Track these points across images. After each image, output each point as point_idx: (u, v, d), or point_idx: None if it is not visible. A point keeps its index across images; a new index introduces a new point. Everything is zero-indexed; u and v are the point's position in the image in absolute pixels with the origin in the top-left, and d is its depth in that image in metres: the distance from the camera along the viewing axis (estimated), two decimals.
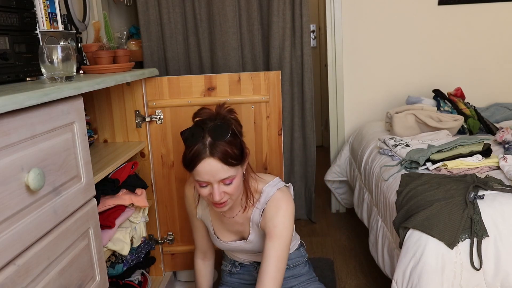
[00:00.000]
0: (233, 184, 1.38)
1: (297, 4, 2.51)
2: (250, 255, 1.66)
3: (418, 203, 1.48)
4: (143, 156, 1.90)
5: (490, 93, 2.86)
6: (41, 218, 0.95)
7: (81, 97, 1.15)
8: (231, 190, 1.38)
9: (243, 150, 1.40)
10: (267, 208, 1.46)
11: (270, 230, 1.44)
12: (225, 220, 1.56)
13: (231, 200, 1.41)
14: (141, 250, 1.82)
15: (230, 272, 1.73)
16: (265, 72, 1.90)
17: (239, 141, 1.39)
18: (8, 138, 0.85)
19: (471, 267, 1.35)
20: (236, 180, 1.38)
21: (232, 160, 1.34)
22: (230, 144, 1.34)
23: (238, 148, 1.37)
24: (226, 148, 1.33)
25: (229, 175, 1.35)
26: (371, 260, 2.05)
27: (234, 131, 1.37)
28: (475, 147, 1.76)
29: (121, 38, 2.09)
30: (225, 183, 1.36)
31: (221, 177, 1.34)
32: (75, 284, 1.09)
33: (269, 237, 1.43)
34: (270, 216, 1.45)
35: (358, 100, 2.90)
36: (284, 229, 1.44)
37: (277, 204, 1.45)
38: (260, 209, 1.48)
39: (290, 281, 1.66)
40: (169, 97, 1.89)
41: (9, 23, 1.24)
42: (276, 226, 1.43)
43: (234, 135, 1.37)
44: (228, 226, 1.58)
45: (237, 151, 1.36)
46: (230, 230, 1.59)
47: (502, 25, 2.79)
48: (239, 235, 1.58)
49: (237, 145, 1.37)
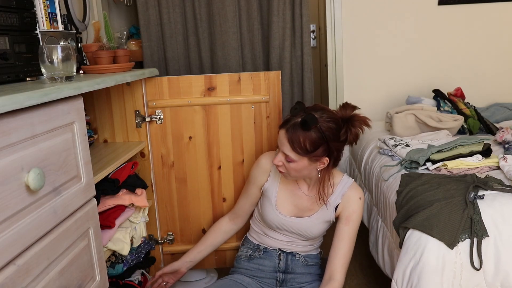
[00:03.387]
0: (292, 165, 1.54)
1: (297, 4, 2.50)
2: (286, 239, 1.74)
3: (418, 203, 1.48)
4: (143, 156, 1.90)
5: (490, 93, 2.86)
6: (41, 218, 0.95)
7: (81, 97, 1.15)
8: (289, 168, 1.55)
9: (317, 149, 1.51)
10: (348, 193, 1.66)
11: (348, 214, 1.65)
12: (299, 193, 1.70)
13: (289, 175, 1.59)
14: (141, 250, 1.82)
15: (250, 256, 1.78)
16: (265, 72, 1.90)
17: (319, 140, 1.50)
18: (8, 138, 0.85)
19: (471, 267, 1.35)
20: (296, 164, 1.53)
21: (297, 147, 1.50)
22: (305, 135, 1.49)
23: (312, 144, 1.50)
24: (300, 135, 1.50)
25: (291, 155, 1.52)
26: (371, 260, 2.05)
27: (319, 130, 1.50)
28: (475, 147, 1.75)
29: (121, 38, 2.09)
30: (287, 159, 1.54)
31: (284, 151, 1.53)
32: (75, 284, 1.09)
33: (346, 221, 1.65)
34: (349, 200, 1.66)
35: (358, 100, 2.88)
36: (359, 217, 1.66)
37: (357, 193, 1.67)
38: (341, 191, 1.67)
39: (305, 277, 1.75)
40: (169, 97, 1.89)
41: (9, 23, 1.24)
42: (355, 212, 1.65)
43: (317, 133, 1.50)
44: (297, 200, 1.70)
45: (309, 145, 1.50)
46: (296, 205, 1.70)
47: (502, 25, 2.79)
48: (300, 213, 1.70)
49: (313, 141, 1.50)
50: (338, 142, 1.54)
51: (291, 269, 1.74)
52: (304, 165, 1.55)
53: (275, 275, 1.74)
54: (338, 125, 1.54)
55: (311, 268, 1.76)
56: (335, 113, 1.56)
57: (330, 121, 1.52)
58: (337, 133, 1.53)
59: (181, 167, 1.97)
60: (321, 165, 1.57)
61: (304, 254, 1.75)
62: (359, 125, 1.55)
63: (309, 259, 1.76)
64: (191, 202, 2.00)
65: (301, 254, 1.75)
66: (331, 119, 1.52)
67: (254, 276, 1.75)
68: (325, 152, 1.53)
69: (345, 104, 1.59)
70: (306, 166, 1.55)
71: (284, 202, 1.71)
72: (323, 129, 1.50)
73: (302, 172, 1.58)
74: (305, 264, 1.75)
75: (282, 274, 1.74)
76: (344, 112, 1.56)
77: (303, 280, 1.74)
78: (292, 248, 1.74)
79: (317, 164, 1.56)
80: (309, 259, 1.76)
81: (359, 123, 1.55)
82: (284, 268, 1.74)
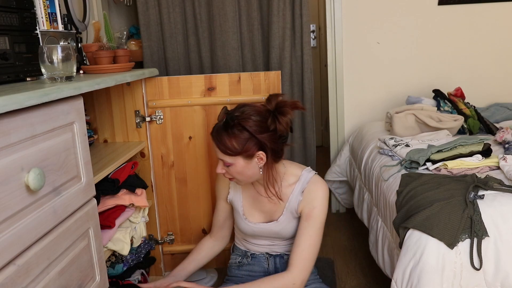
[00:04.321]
0: (232, 168, 1.52)
1: (297, 4, 2.50)
2: (268, 243, 1.70)
3: (418, 203, 1.48)
4: (143, 156, 1.90)
5: (490, 93, 2.86)
6: (41, 218, 0.95)
7: (81, 97, 1.15)
8: (232, 172, 1.53)
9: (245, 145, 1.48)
10: (308, 188, 1.59)
11: (309, 211, 1.57)
12: (259, 198, 1.65)
13: (238, 180, 1.57)
14: (141, 250, 1.82)
15: (239, 264, 1.76)
16: (265, 72, 1.90)
17: (245, 136, 1.48)
18: (8, 138, 0.85)
19: (471, 267, 1.35)
20: (235, 167, 1.51)
21: (226, 149, 1.48)
22: (229, 135, 1.48)
23: (239, 142, 1.47)
24: (225, 137, 1.48)
25: (225, 159, 1.51)
26: (371, 260, 2.05)
27: (241, 126, 1.47)
28: (475, 147, 1.75)
29: (121, 38, 2.09)
30: (225, 164, 1.52)
31: (219, 157, 1.52)
32: (75, 284, 1.09)
33: (307, 218, 1.57)
34: (311, 196, 1.58)
35: (358, 100, 2.90)
36: (321, 212, 1.58)
37: (317, 187, 1.59)
38: (300, 189, 1.60)
39: None
40: (169, 97, 1.89)
41: (9, 23, 1.24)
42: (315, 208, 1.57)
43: (240, 129, 1.47)
44: (260, 205, 1.66)
45: (237, 144, 1.47)
46: (261, 210, 1.67)
47: (502, 25, 2.79)
48: (268, 217, 1.66)
49: (239, 138, 1.47)
50: (267, 133, 1.49)
51: (281, 271, 1.68)
52: (242, 166, 1.51)
53: None
54: (263, 116, 1.49)
55: None
56: (261, 107, 1.52)
57: (253, 114, 1.48)
58: (264, 125, 1.48)
59: (181, 167, 1.97)
60: (260, 161, 1.51)
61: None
62: (287, 111, 1.49)
63: None
64: (191, 202, 2.00)
65: (289, 254, 1.68)
66: (254, 112, 1.48)
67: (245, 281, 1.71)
68: (256, 146, 1.48)
69: (269, 97, 1.54)
70: (245, 166, 1.51)
71: (250, 210, 1.68)
72: (246, 124, 1.46)
73: (246, 173, 1.53)
74: None
75: None
76: (269, 104, 1.51)
77: None
78: (278, 250, 1.71)
79: (255, 161, 1.51)
80: None
81: (287, 109, 1.50)
82: (274, 271, 1.71)
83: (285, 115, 1.49)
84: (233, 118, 1.47)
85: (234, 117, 1.47)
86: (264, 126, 1.49)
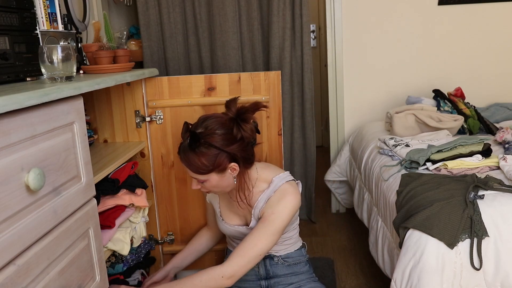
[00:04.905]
0: (207, 184, 1.50)
1: (297, 4, 2.50)
2: None
3: (418, 203, 1.48)
4: (143, 156, 1.90)
5: (490, 93, 2.86)
6: (41, 218, 0.95)
7: (81, 97, 1.15)
8: (208, 187, 1.52)
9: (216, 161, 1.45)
10: (273, 197, 1.54)
11: (266, 215, 1.51)
12: (232, 202, 1.64)
13: (214, 191, 1.56)
14: (141, 250, 1.82)
15: None
16: (265, 72, 1.90)
17: (213, 153, 1.44)
18: (8, 138, 0.85)
19: (471, 267, 1.35)
20: (209, 182, 1.49)
21: (198, 169, 1.46)
22: (197, 155, 1.44)
23: (209, 160, 1.44)
24: (193, 157, 1.45)
25: (198, 177, 1.49)
26: (371, 260, 2.05)
27: (208, 144, 1.43)
28: (475, 147, 1.75)
29: (121, 38, 2.09)
30: (199, 181, 1.50)
31: (192, 176, 1.50)
32: (75, 284, 1.09)
33: (262, 219, 1.51)
34: (272, 203, 1.53)
35: (358, 100, 2.90)
36: (279, 219, 1.49)
37: (282, 195, 1.53)
38: (267, 197, 1.56)
39: (290, 278, 1.70)
40: (169, 97, 1.89)
41: (9, 23, 1.24)
42: (273, 213, 1.50)
43: (207, 147, 1.43)
44: (234, 208, 1.66)
45: (207, 162, 1.44)
46: (236, 213, 1.66)
47: (502, 25, 2.79)
48: (243, 220, 1.67)
49: (208, 156, 1.44)
50: (235, 144, 1.46)
51: (273, 273, 1.69)
52: (216, 180, 1.48)
53: (258, 283, 1.71)
54: (227, 127, 1.45)
55: (294, 267, 1.70)
56: (222, 117, 1.48)
57: (217, 128, 1.44)
58: (230, 137, 1.45)
59: (181, 167, 1.96)
60: (234, 171, 1.49)
61: (283, 255, 1.69)
62: (249, 117, 1.47)
63: (289, 259, 1.70)
64: (191, 202, 2.00)
65: (279, 256, 1.69)
66: (217, 125, 1.45)
67: (237, 287, 1.71)
68: (227, 159, 1.46)
69: (227, 103, 1.50)
70: (220, 179, 1.49)
71: (227, 212, 1.68)
72: (212, 141, 1.43)
73: (221, 185, 1.51)
74: (286, 265, 1.69)
75: (265, 280, 1.71)
76: (231, 111, 1.47)
77: (289, 281, 1.69)
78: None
79: (228, 172, 1.49)
80: (289, 259, 1.70)
81: (249, 114, 1.47)
82: (265, 274, 1.70)
83: (248, 122, 1.47)
84: (197, 136, 1.43)
85: (199, 135, 1.43)
86: (231, 138, 1.45)
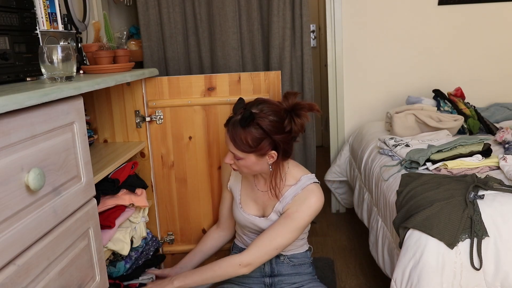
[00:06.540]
0: (241, 162, 1.54)
1: (297, 4, 2.50)
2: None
3: (418, 203, 1.48)
4: (143, 156, 1.90)
5: (490, 93, 2.86)
6: (41, 218, 0.95)
7: (81, 97, 1.15)
8: (240, 165, 1.55)
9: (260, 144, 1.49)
10: (300, 194, 1.58)
11: (290, 212, 1.56)
12: (255, 190, 1.68)
13: (242, 172, 1.60)
14: (149, 248, 1.82)
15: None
16: (265, 72, 1.90)
17: (260, 135, 1.49)
18: (8, 138, 0.85)
19: (471, 267, 1.35)
20: (245, 162, 1.53)
21: (240, 145, 1.50)
22: (246, 132, 1.48)
23: (254, 141, 1.49)
24: (240, 133, 1.49)
25: (236, 153, 1.52)
26: (371, 260, 2.05)
27: (259, 126, 1.48)
28: (475, 147, 1.75)
29: (121, 38, 2.09)
30: (235, 157, 1.54)
31: (230, 150, 1.54)
32: (75, 284, 1.09)
33: (285, 216, 1.56)
34: (298, 201, 1.57)
35: (358, 100, 2.90)
36: (301, 218, 1.55)
37: (308, 194, 1.57)
38: (293, 193, 1.59)
39: (293, 277, 1.71)
40: (169, 97, 1.89)
41: (9, 23, 1.24)
42: (297, 211, 1.55)
43: (257, 128, 1.48)
44: (256, 197, 1.68)
45: (252, 142, 1.49)
46: (256, 202, 1.69)
47: (502, 25, 2.79)
48: (260, 211, 1.68)
49: (255, 137, 1.48)
50: (282, 134, 1.51)
51: (278, 272, 1.71)
52: (252, 161, 1.53)
53: (262, 280, 1.72)
54: (280, 117, 1.50)
55: (299, 268, 1.72)
56: (278, 105, 1.52)
57: (270, 114, 1.49)
58: (280, 125, 1.50)
59: (181, 167, 1.97)
60: (271, 159, 1.54)
61: (289, 255, 1.71)
62: (304, 114, 1.52)
63: (295, 259, 1.72)
64: (191, 202, 2.00)
65: (286, 255, 1.70)
66: (272, 112, 1.49)
67: (242, 283, 1.72)
68: (270, 146, 1.51)
69: (287, 94, 1.55)
70: (255, 162, 1.54)
71: (247, 200, 1.70)
72: (263, 124, 1.47)
73: (254, 168, 1.56)
74: (291, 264, 1.71)
75: (269, 278, 1.72)
76: (287, 102, 1.52)
77: (293, 281, 1.71)
78: None
79: (266, 159, 1.54)
80: (295, 259, 1.72)
81: (304, 111, 1.52)
82: (270, 272, 1.71)
83: (301, 118, 1.51)
84: (251, 114, 1.47)
85: (252, 114, 1.47)
86: (280, 127, 1.50)
